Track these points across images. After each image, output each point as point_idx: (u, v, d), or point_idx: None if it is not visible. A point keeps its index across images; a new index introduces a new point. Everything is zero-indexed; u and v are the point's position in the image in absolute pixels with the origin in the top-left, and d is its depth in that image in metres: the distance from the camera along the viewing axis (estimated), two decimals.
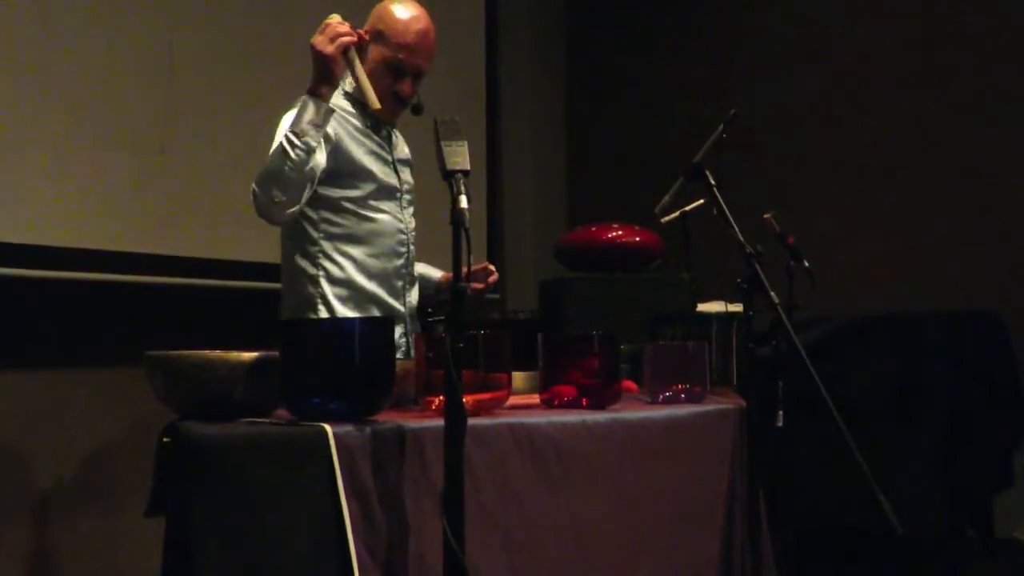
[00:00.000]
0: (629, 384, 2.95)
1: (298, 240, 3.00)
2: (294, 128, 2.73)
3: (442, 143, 2.18)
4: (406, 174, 3.18)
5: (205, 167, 4.05)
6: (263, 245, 4.17)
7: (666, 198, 3.16)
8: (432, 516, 2.13)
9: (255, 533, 2.04)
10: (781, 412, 2.86)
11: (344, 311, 2.98)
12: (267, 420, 2.21)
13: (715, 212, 2.97)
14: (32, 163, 3.52)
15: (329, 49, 2.72)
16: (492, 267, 3.23)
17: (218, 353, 2.20)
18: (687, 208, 3.37)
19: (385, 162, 3.09)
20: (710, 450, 2.83)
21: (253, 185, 2.77)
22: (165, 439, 2.18)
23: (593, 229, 4.04)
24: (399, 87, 3.04)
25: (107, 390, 3.80)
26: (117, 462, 3.81)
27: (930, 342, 3.80)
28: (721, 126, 3.07)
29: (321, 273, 2.98)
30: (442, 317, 2.28)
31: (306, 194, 2.81)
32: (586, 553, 2.47)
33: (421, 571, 2.15)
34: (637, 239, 3.99)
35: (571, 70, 6.18)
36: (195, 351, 2.22)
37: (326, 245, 2.99)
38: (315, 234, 2.98)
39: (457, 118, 2.23)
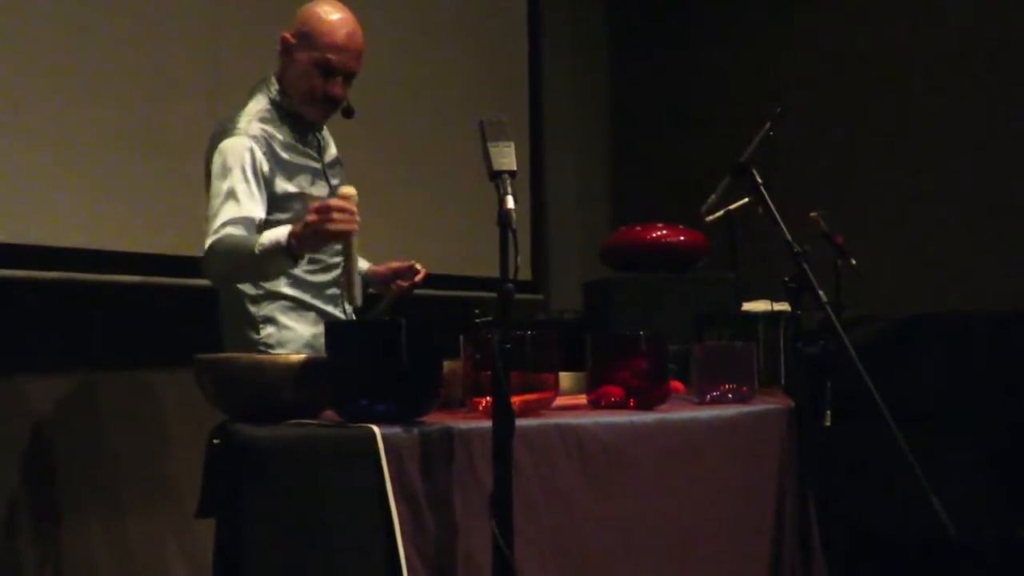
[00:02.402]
0: (676, 385, 2.94)
1: None
2: (264, 260, 2.67)
3: (488, 144, 2.18)
4: (335, 176, 3.14)
5: None
6: None
7: (713, 197, 3.14)
8: (480, 517, 2.13)
9: (304, 534, 2.05)
10: (829, 412, 2.83)
11: (287, 322, 2.97)
12: (315, 422, 2.22)
13: (761, 211, 2.96)
14: (81, 169, 3.55)
15: (336, 228, 2.60)
16: (419, 266, 3.18)
17: (267, 356, 2.22)
18: (732, 207, 3.35)
19: (315, 173, 3.05)
20: (759, 451, 2.81)
21: (212, 253, 2.76)
22: (215, 441, 2.19)
23: (638, 229, 4.02)
24: (330, 88, 3.01)
25: (157, 392, 3.83)
26: (168, 464, 3.84)
27: (979, 342, 3.76)
28: (768, 124, 3.06)
29: (260, 291, 2.97)
30: (489, 318, 2.28)
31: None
32: (634, 555, 2.46)
33: (469, 572, 2.15)
34: (682, 239, 3.96)
35: (614, 69, 6.17)
36: (244, 354, 2.24)
37: None
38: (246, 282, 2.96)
39: (504, 118, 2.23)
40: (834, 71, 5.35)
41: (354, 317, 3.10)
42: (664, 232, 3.97)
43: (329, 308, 3.05)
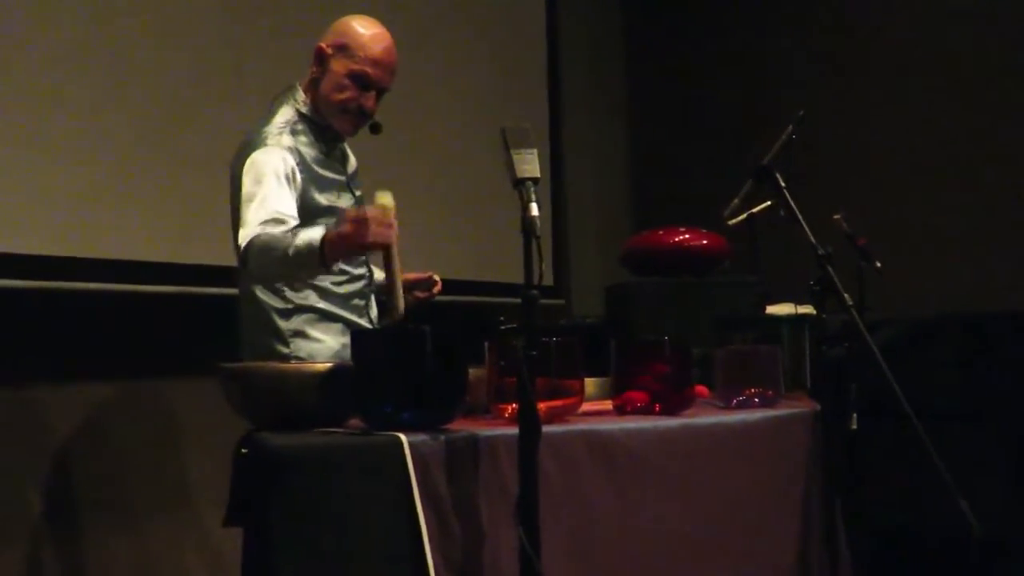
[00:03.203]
0: (700, 389, 2.93)
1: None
2: (297, 252, 2.65)
3: (512, 151, 2.18)
4: (358, 189, 3.16)
5: None
6: None
7: (735, 200, 3.13)
8: (507, 524, 2.13)
9: (331, 541, 2.05)
10: (855, 415, 2.82)
11: (316, 334, 2.97)
12: (341, 430, 2.22)
13: (782, 214, 2.95)
14: (99, 180, 3.57)
15: (374, 239, 2.61)
16: (436, 277, 3.20)
17: (292, 365, 2.23)
18: (754, 210, 3.35)
19: (341, 185, 3.07)
20: (784, 455, 2.81)
21: (250, 250, 2.74)
22: (243, 450, 2.20)
23: (659, 233, 4.01)
24: (364, 101, 3.03)
25: (181, 402, 3.84)
26: (192, 473, 3.85)
27: (1004, 342, 3.74)
28: (790, 127, 3.05)
29: (290, 306, 2.96)
30: (513, 325, 2.29)
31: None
32: (660, 560, 2.46)
33: None
34: (704, 242, 3.96)
35: (632, 73, 6.16)
36: (270, 363, 2.24)
37: None
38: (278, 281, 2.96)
39: (527, 126, 2.23)
40: (857, 71, 5.33)
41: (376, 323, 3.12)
42: (686, 236, 3.97)
43: (354, 318, 3.05)
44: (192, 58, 3.85)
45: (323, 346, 2.98)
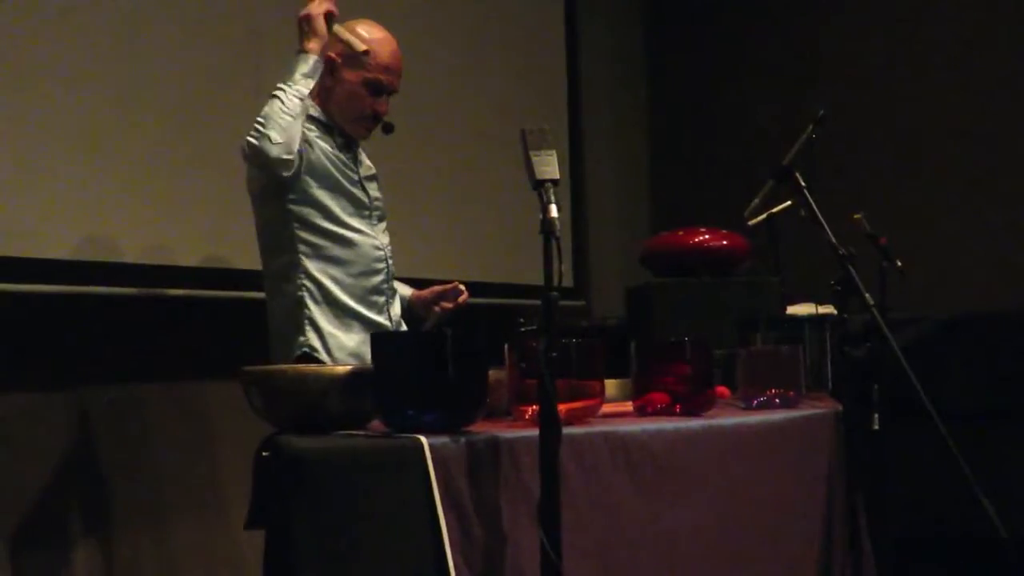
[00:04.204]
0: (722, 390, 2.93)
1: (280, 265, 3.04)
2: (286, 80, 2.92)
3: (531, 153, 2.18)
4: (373, 189, 3.20)
5: None
6: None
7: (756, 201, 3.13)
8: (528, 526, 2.13)
9: (353, 544, 2.05)
10: (877, 415, 2.81)
11: (331, 329, 3.00)
12: (362, 432, 2.23)
13: (803, 214, 2.94)
14: (121, 183, 3.58)
15: (315, 9, 2.99)
16: (462, 287, 3.22)
17: (313, 367, 2.23)
18: (775, 210, 3.34)
19: (352, 181, 3.11)
20: (806, 455, 2.80)
21: (247, 138, 2.88)
22: (264, 453, 2.20)
23: (680, 233, 4.01)
24: (377, 106, 3.10)
25: (203, 404, 3.86)
26: (218, 475, 3.86)
27: None
28: (810, 127, 3.04)
29: (305, 294, 3.01)
30: (533, 326, 2.29)
31: (296, 145, 2.90)
32: (682, 562, 2.45)
33: None
34: (724, 242, 3.95)
35: (652, 74, 6.16)
36: (291, 366, 2.25)
37: (308, 266, 3.00)
38: (296, 258, 3.01)
39: (546, 127, 2.23)
40: (877, 71, 5.32)
41: (401, 326, 3.14)
42: (706, 236, 3.96)
43: (373, 314, 3.08)
44: (213, 60, 3.85)
45: (339, 341, 3.01)
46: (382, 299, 3.11)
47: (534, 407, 2.17)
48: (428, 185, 4.51)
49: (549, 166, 2.17)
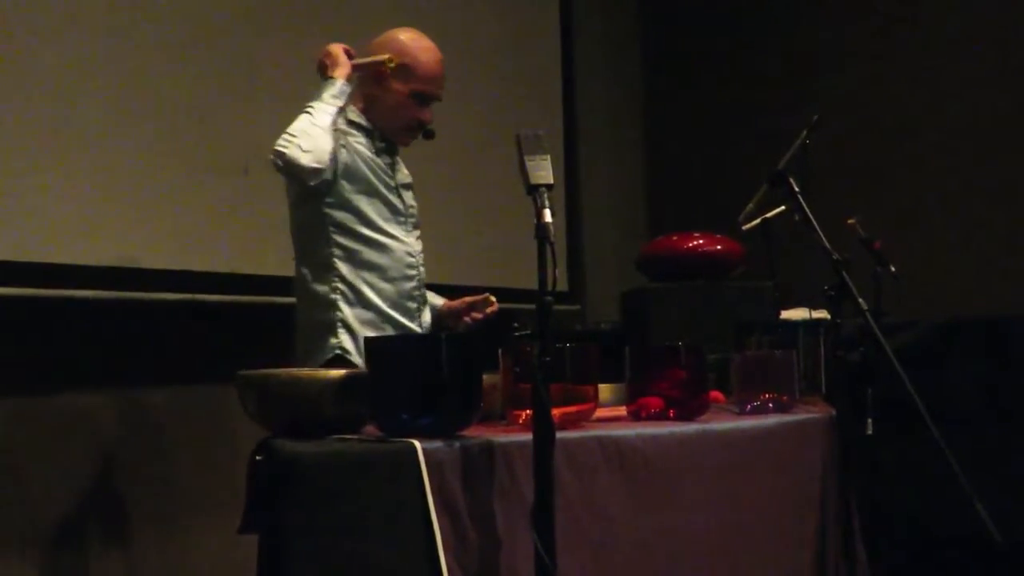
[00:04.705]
0: (716, 394, 2.93)
1: (314, 267, 3.07)
2: (315, 100, 2.96)
3: (525, 157, 2.18)
4: (408, 197, 3.22)
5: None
6: None
7: (750, 205, 3.14)
8: (522, 530, 2.13)
9: (347, 548, 2.05)
10: (871, 420, 2.82)
11: (365, 332, 3.00)
12: (356, 437, 2.23)
13: (797, 219, 2.94)
14: (118, 188, 3.58)
15: (332, 47, 3.07)
16: (493, 298, 3.24)
17: (308, 371, 2.23)
18: (769, 215, 3.34)
19: (389, 187, 3.14)
20: (800, 460, 2.80)
21: (275, 147, 2.92)
22: (258, 457, 2.20)
23: (674, 238, 4.01)
24: (423, 116, 3.14)
25: (198, 409, 3.85)
26: (211, 480, 3.86)
27: (1020, 346, 3.73)
28: (804, 132, 3.05)
29: (339, 297, 3.04)
30: (528, 331, 2.29)
31: (327, 156, 2.92)
32: (676, 566, 2.46)
33: None
34: (719, 247, 3.95)
35: (648, 79, 6.16)
36: (285, 370, 2.25)
37: (342, 269, 3.04)
38: (330, 261, 3.04)
39: (541, 132, 2.24)
40: (871, 76, 5.32)
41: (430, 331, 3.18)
42: (701, 241, 3.97)
43: (405, 320, 3.11)
44: (208, 65, 3.86)
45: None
46: (414, 305, 3.15)
47: (528, 411, 2.17)
48: (422, 189, 4.48)
49: (544, 171, 2.17)
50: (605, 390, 2.72)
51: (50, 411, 3.51)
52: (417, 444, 2.09)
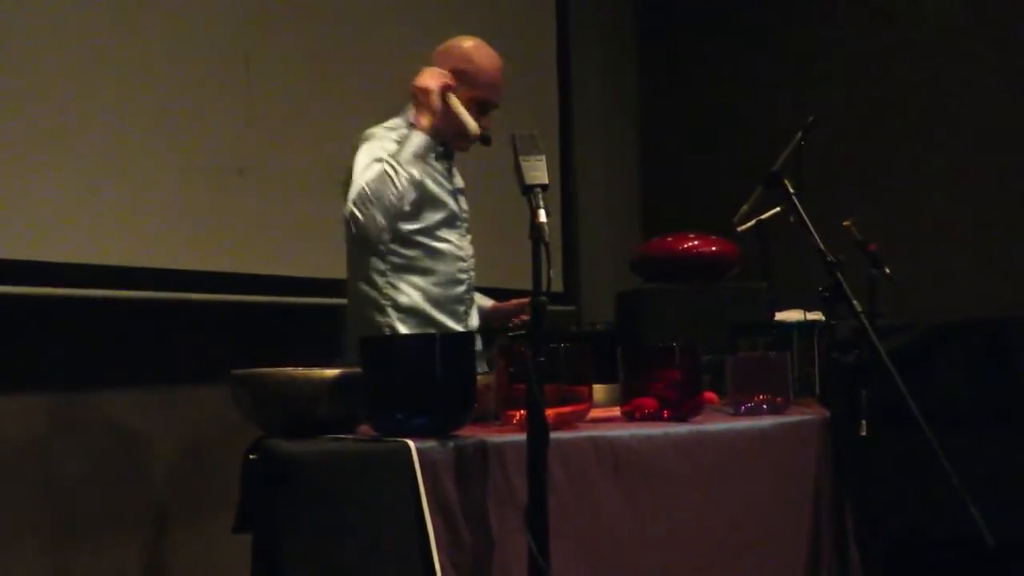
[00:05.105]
0: (710, 395, 2.93)
1: (364, 269, 3.09)
2: (397, 157, 2.89)
3: (520, 158, 2.18)
4: (463, 202, 3.26)
5: (283, 187, 4.10)
6: (340, 263, 4.21)
7: (745, 207, 3.13)
8: (516, 530, 2.13)
9: (340, 548, 2.05)
10: (865, 421, 2.82)
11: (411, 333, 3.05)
12: (351, 436, 2.23)
13: (793, 220, 2.95)
14: (114, 187, 3.58)
15: (432, 84, 2.96)
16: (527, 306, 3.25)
17: (302, 371, 2.23)
18: (764, 216, 3.34)
19: (447, 191, 3.17)
20: (794, 461, 2.80)
21: (351, 206, 2.87)
22: (251, 456, 2.20)
23: (669, 239, 4.01)
24: (482, 122, 3.16)
25: (192, 408, 3.85)
26: (204, 479, 3.86)
27: (1015, 347, 3.73)
28: (800, 133, 3.05)
29: (387, 302, 3.07)
30: (523, 331, 2.29)
31: (396, 222, 2.95)
32: (669, 566, 2.45)
33: None
34: (714, 249, 3.96)
35: (643, 80, 6.17)
36: (279, 369, 2.24)
37: (392, 275, 3.07)
38: (382, 264, 3.07)
39: (535, 132, 2.24)
40: (866, 78, 5.33)
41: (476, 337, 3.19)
42: (696, 242, 3.97)
43: (452, 323, 3.14)
44: (204, 64, 3.86)
45: None
46: (462, 308, 3.19)
47: (522, 412, 2.17)
48: None
49: (538, 171, 2.17)
50: (599, 391, 2.72)
51: (44, 409, 3.50)
52: (411, 444, 2.09)
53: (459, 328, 3.14)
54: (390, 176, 2.87)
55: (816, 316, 3.24)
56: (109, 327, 3.62)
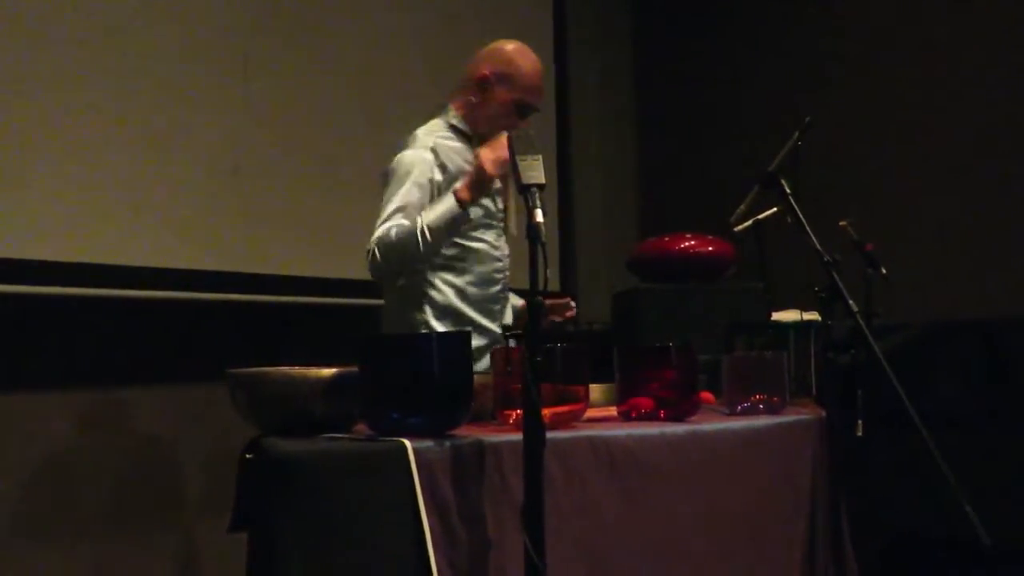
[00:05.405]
0: (706, 395, 2.93)
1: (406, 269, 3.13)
2: (433, 225, 2.94)
3: (517, 157, 2.18)
4: (499, 202, 3.29)
5: (277, 186, 4.10)
6: (334, 262, 4.22)
7: (741, 207, 3.14)
8: (512, 530, 2.13)
9: (336, 548, 2.05)
10: (861, 421, 2.82)
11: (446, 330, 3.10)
12: (347, 436, 2.23)
13: (789, 220, 2.95)
14: (109, 187, 3.58)
15: (493, 171, 2.94)
16: (573, 303, 3.35)
17: (298, 370, 2.23)
18: (760, 216, 3.34)
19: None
20: (790, 461, 2.80)
21: (374, 247, 2.97)
22: (248, 455, 2.20)
23: (666, 239, 4.01)
24: (522, 125, 3.17)
25: (189, 407, 3.85)
26: (201, 478, 3.86)
27: (1011, 347, 3.73)
28: (796, 134, 3.05)
29: (424, 300, 3.13)
30: (519, 331, 2.29)
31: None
32: (666, 566, 2.45)
33: None
34: (710, 248, 3.95)
35: (640, 80, 6.17)
36: (276, 368, 2.24)
37: (430, 273, 3.13)
38: (421, 266, 3.12)
39: (532, 132, 2.24)
40: (863, 78, 5.33)
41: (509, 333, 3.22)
42: (692, 242, 3.96)
43: (487, 322, 3.19)
44: (198, 63, 3.85)
45: None
46: (497, 307, 3.24)
47: (518, 411, 2.17)
48: None
49: (535, 171, 2.17)
50: (595, 390, 2.72)
51: (37, 407, 3.50)
52: (407, 443, 2.10)
53: (494, 327, 3.19)
54: (418, 241, 2.94)
55: (812, 316, 3.24)
56: (102, 326, 3.62)
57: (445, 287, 3.14)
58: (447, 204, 2.95)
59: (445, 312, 3.14)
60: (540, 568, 2.03)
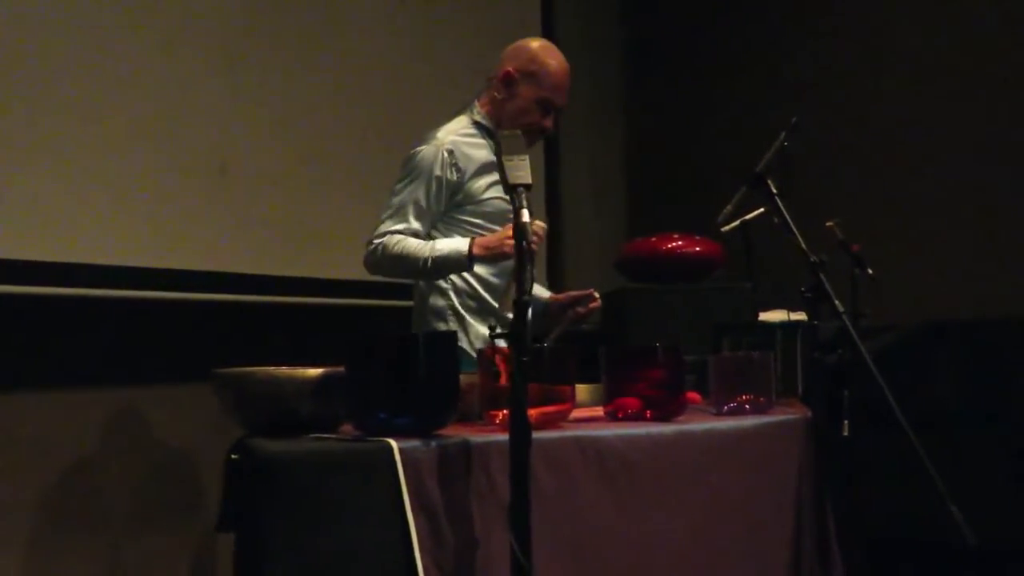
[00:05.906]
0: (693, 395, 2.94)
1: None
2: (439, 260, 3.09)
3: (504, 157, 2.18)
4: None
5: (265, 187, 4.09)
6: (322, 262, 4.22)
7: (728, 207, 3.14)
8: (499, 530, 2.13)
9: (323, 548, 2.05)
10: (847, 422, 2.82)
11: (471, 321, 3.25)
12: (333, 436, 2.23)
13: (776, 221, 2.95)
14: (96, 186, 3.57)
15: (510, 250, 2.96)
16: (596, 294, 3.36)
17: (285, 370, 2.22)
18: (747, 217, 3.35)
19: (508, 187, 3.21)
20: (776, 461, 2.80)
21: (378, 248, 3.12)
22: (233, 455, 2.20)
23: (654, 239, 4.02)
24: (545, 122, 3.27)
25: (175, 407, 3.84)
26: (187, 478, 3.85)
27: (998, 348, 3.75)
28: (783, 134, 3.06)
29: (450, 287, 3.25)
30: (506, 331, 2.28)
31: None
32: (653, 566, 2.46)
33: None
34: (698, 249, 3.96)
35: (628, 80, 6.17)
36: (262, 368, 2.24)
37: None
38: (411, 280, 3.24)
39: (519, 132, 2.25)
40: (850, 79, 5.34)
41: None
42: (680, 242, 3.97)
43: (511, 313, 3.16)
44: (186, 63, 3.85)
45: (477, 331, 3.24)
46: None
47: (505, 411, 2.17)
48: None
49: (522, 171, 2.18)
50: (582, 390, 2.73)
51: (28, 408, 3.50)
52: (394, 443, 2.09)
53: None
54: (419, 268, 3.09)
55: (799, 316, 3.25)
56: (86, 326, 3.61)
57: (471, 278, 3.24)
58: (459, 249, 3.07)
59: (471, 298, 3.25)
60: (526, 568, 2.03)
